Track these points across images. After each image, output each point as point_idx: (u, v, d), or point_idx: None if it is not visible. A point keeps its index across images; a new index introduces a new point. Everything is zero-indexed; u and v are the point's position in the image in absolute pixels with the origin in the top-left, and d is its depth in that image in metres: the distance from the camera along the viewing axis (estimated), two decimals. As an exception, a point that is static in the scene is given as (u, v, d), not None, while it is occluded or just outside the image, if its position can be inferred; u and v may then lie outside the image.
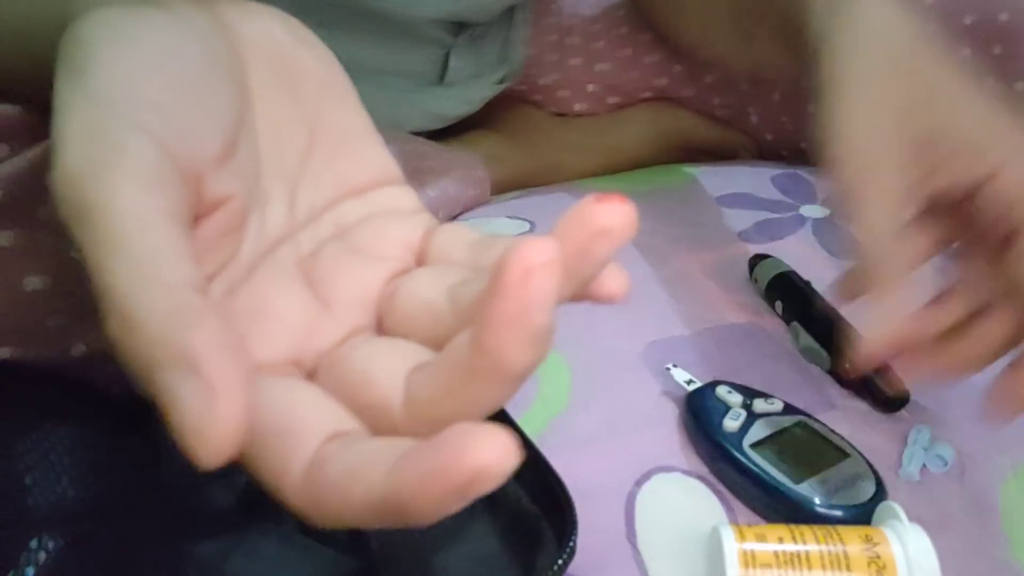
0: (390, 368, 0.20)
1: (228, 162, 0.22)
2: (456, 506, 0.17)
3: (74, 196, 0.18)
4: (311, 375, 0.22)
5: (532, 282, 0.17)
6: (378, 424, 0.20)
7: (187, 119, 0.20)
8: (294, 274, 0.24)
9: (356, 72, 0.64)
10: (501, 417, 0.40)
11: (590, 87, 0.76)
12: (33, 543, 0.29)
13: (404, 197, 0.27)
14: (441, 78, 0.69)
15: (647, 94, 0.75)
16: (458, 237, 0.25)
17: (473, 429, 0.16)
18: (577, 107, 0.77)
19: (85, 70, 0.20)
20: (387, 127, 0.30)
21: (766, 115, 0.72)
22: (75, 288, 0.38)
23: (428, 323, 0.22)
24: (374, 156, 0.27)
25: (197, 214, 0.21)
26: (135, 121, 0.19)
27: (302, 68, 0.26)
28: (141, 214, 0.18)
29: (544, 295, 0.18)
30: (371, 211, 0.26)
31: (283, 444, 0.19)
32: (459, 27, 0.69)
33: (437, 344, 0.21)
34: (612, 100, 0.76)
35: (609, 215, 0.19)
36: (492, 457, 0.16)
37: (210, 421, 0.16)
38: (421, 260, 0.25)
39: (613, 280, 0.22)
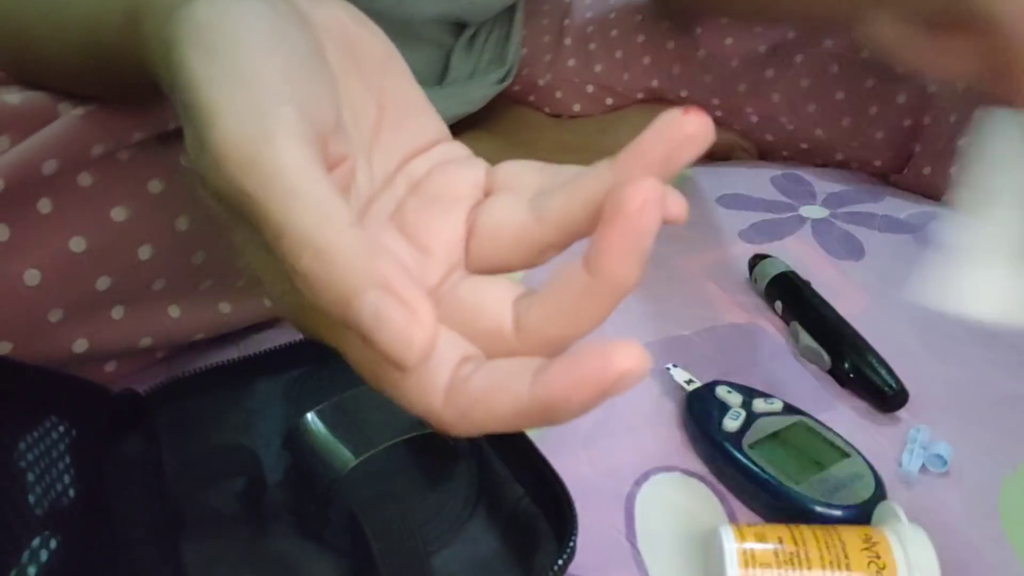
0: (496, 297, 0.23)
1: (339, 129, 0.24)
2: (597, 405, 0.20)
3: (242, 155, 0.21)
4: None
5: (645, 215, 0.20)
6: (492, 348, 0.23)
7: (311, 92, 0.23)
8: (390, 228, 0.26)
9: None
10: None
11: (587, 88, 0.76)
12: (36, 542, 0.29)
13: (458, 148, 0.30)
14: (441, 78, 0.69)
15: (642, 95, 0.75)
16: (519, 167, 0.27)
17: (612, 343, 0.20)
18: (574, 108, 0.77)
19: (220, 50, 0.22)
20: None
21: (765, 115, 0.72)
22: (75, 283, 0.38)
23: (513, 237, 0.25)
24: (431, 121, 0.30)
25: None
26: (279, 93, 0.22)
27: (366, 48, 0.29)
28: (308, 167, 0.21)
29: (653, 224, 0.21)
30: (434, 164, 0.29)
31: (425, 368, 0.21)
32: (458, 27, 0.69)
33: (524, 254, 0.25)
34: (608, 101, 0.76)
35: (694, 124, 0.22)
36: (632, 363, 0.19)
37: (418, 329, 0.19)
38: (489, 194, 0.27)
39: (674, 204, 0.23)
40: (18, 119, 0.36)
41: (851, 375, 0.45)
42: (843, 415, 0.44)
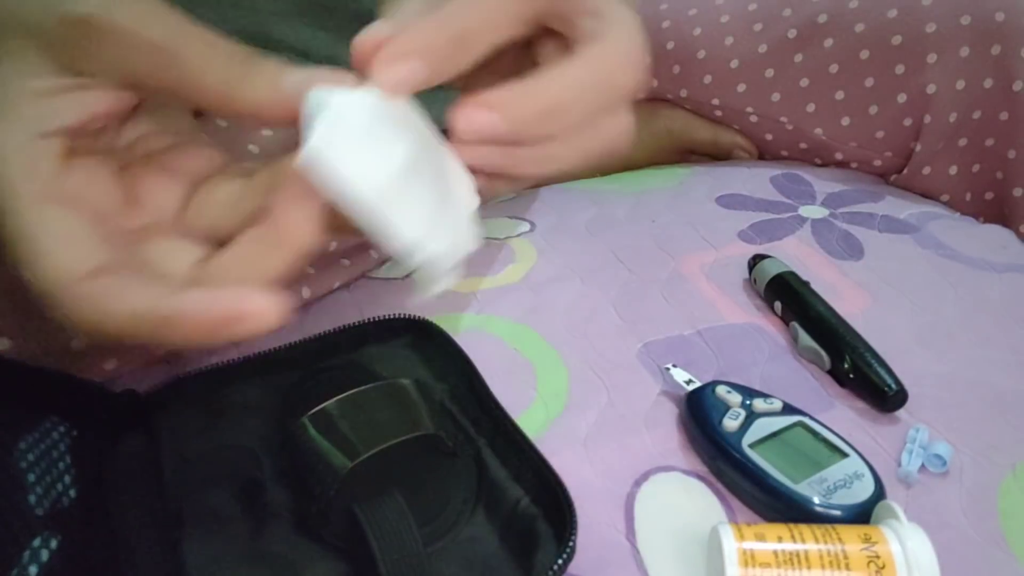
0: (178, 254, 0.29)
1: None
2: (207, 340, 0.25)
3: None
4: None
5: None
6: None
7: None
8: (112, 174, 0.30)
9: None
10: (502, 417, 0.40)
11: None
12: (36, 542, 0.29)
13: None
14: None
15: (642, 95, 0.75)
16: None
17: (252, 290, 0.25)
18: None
19: None
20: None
21: (765, 115, 0.72)
22: None
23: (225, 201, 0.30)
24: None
25: None
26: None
27: None
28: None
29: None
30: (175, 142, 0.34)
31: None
32: None
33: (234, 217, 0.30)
34: None
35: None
36: (259, 307, 0.24)
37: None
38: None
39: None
40: None
41: (850, 375, 0.45)
42: (842, 415, 0.44)
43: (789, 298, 0.51)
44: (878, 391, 0.44)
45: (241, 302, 0.25)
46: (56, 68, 0.27)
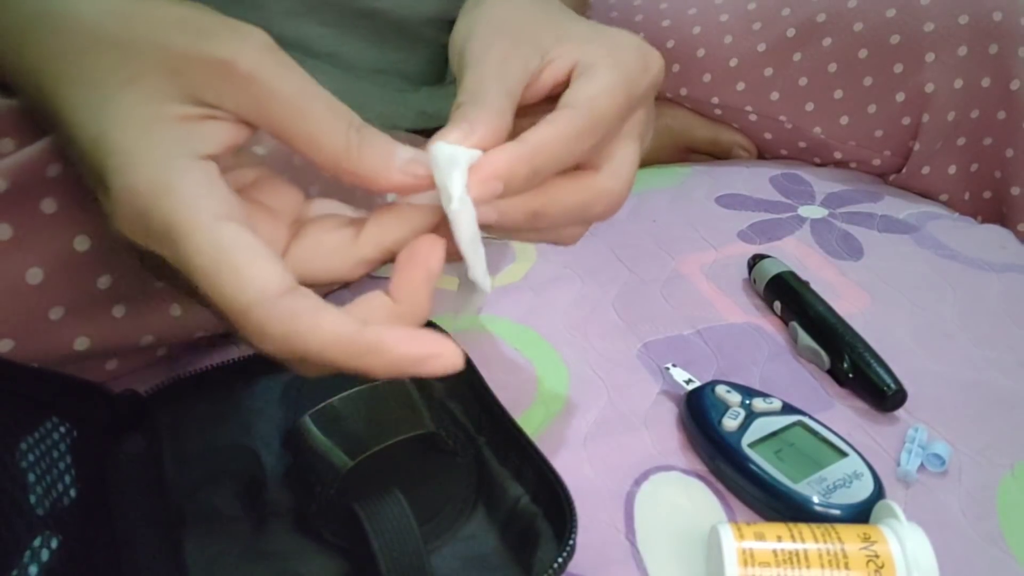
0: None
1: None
2: (401, 373, 0.27)
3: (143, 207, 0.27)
4: None
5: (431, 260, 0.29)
6: None
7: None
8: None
9: (355, 71, 0.64)
10: (502, 416, 0.40)
11: None
12: (37, 542, 0.29)
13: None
14: (440, 78, 0.69)
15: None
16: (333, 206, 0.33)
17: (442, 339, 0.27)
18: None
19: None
20: (385, 127, 0.30)
21: (765, 114, 0.72)
22: (77, 282, 0.39)
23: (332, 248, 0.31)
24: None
25: None
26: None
27: None
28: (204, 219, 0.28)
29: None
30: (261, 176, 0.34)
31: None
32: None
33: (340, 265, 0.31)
34: None
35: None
36: (450, 350, 0.27)
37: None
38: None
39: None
40: (22, 122, 0.36)
41: (850, 375, 0.45)
42: (842, 414, 0.44)
43: (788, 298, 0.51)
44: (877, 391, 0.44)
45: (438, 343, 0.27)
46: (185, 97, 0.27)
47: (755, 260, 0.55)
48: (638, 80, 0.34)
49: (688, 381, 0.45)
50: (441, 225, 0.30)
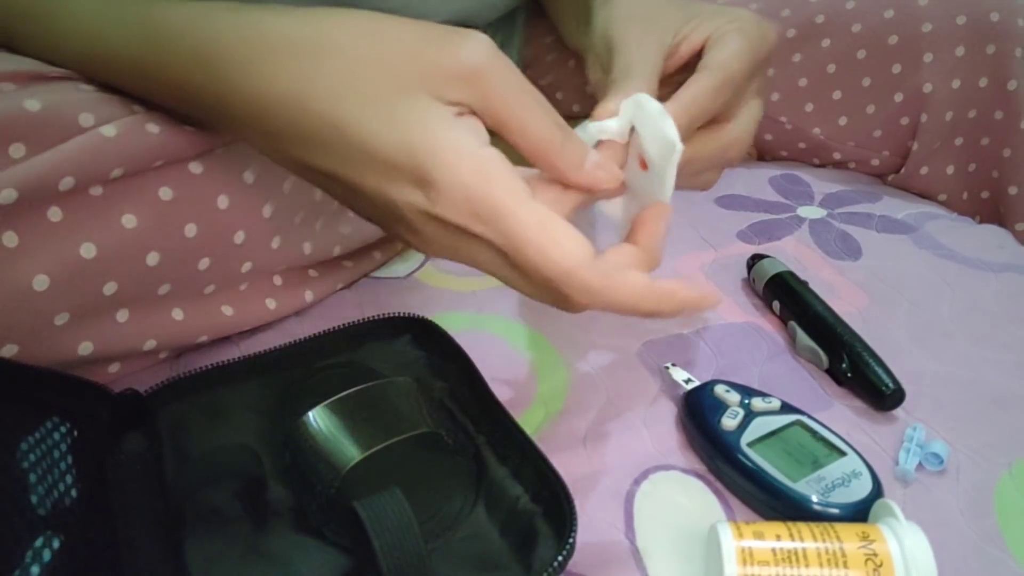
0: None
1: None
2: (687, 314, 0.37)
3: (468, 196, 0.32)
4: None
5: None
6: None
7: None
8: None
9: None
10: (502, 417, 0.40)
11: (588, 88, 0.76)
12: (38, 542, 0.29)
13: None
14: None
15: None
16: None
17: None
18: (574, 108, 0.77)
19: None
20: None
21: (765, 115, 0.72)
22: (82, 288, 0.39)
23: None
24: None
25: None
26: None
27: None
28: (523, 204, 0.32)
29: None
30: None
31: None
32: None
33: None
34: None
35: None
36: (715, 292, 0.37)
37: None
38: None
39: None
40: (37, 127, 0.36)
41: (848, 374, 0.45)
42: (840, 414, 0.44)
43: (787, 298, 0.51)
44: (876, 390, 0.44)
45: (704, 288, 0.33)
46: (439, 98, 0.31)
47: (754, 260, 0.55)
48: (760, 46, 0.42)
49: (687, 380, 0.45)
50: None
